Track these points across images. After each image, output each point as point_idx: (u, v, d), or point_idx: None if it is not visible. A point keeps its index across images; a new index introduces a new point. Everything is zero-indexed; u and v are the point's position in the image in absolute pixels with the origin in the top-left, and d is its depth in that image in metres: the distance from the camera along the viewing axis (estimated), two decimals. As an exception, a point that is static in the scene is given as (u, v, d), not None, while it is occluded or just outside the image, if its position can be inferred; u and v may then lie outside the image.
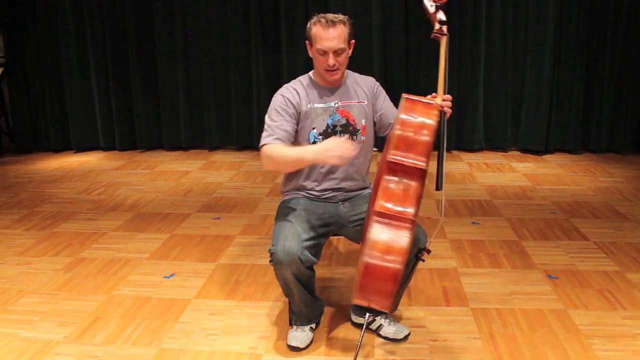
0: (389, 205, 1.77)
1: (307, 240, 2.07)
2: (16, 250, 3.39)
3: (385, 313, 2.35)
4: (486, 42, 5.55)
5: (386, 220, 1.76)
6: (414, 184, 1.80)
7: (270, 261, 2.08)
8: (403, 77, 5.70)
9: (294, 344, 2.24)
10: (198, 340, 2.35)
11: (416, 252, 1.96)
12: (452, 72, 5.60)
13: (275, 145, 2.17)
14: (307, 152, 2.05)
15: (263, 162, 2.21)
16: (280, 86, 2.38)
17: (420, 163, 1.78)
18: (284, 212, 2.26)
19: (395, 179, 1.81)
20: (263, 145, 2.19)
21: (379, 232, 1.75)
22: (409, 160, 1.79)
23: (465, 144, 5.78)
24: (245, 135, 6.03)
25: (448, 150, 5.78)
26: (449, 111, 1.98)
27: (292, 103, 2.25)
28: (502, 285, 2.79)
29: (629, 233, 3.45)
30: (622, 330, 2.35)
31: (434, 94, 1.96)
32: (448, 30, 1.94)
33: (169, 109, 6.05)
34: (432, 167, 1.84)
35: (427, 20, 1.99)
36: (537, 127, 5.59)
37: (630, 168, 5.04)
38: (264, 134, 2.22)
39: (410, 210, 1.77)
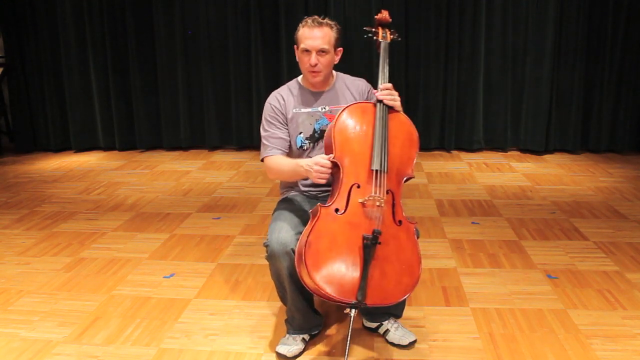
0: None
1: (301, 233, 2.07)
2: (16, 250, 3.39)
3: (392, 316, 2.34)
4: (486, 42, 5.55)
5: None
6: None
7: (266, 256, 2.10)
8: (403, 77, 5.70)
9: (281, 351, 2.20)
10: (198, 340, 2.35)
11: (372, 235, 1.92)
12: (452, 72, 5.62)
13: (274, 157, 2.26)
14: (300, 167, 2.10)
15: (267, 174, 2.32)
16: (280, 86, 2.41)
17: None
18: (280, 208, 2.31)
19: None
20: (264, 157, 2.28)
21: None
22: None
23: (465, 144, 5.78)
24: (245, 135, 6.03)
25: (448, 150, 5.79)
26: (390, 102, 2.07)
27: (279, 109, 2.30)
28: (501, 285, 2.79)
29: (629, 233, 3.45)
30: (622, 330, 2.35)
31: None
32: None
33: (169, 109, 6.05)
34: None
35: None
36: (537, 127, 5.59)
37: (630, 168, 5.04)
38: (262, 147, 2.31)
39: None
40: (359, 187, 1.98)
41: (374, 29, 2.30)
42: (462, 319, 2.47)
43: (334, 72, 2.36)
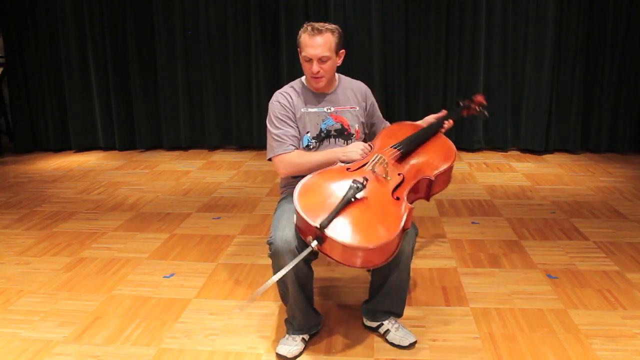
0: None
1: None
2: (16, 250, 3.39)
3: (393, 316, 2.34)
4: (486, 42, 5.55)
5: None
6: None
7: (269, 254, 2.10)
8: (403, 77, 5.70)
9: (281, 352, 2.21)
10: (198, 340, 2.36)
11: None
12: (452, 72, 5.62)
13: (295, 152, 2.30)
14: (334, 154, 2.24)
15: (281, 170, 2.33)
16: (280, 86, 2.45)
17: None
18: (282, 206, 2.31)
19: None
20: (280, 154, 2.29)
21: None
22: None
23: (465, 144, 5.78)
24: (245, 135, 6.02)
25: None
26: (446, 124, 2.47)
27: (289, 107, 2.34)
28: (502, 285, 2.79)
29: (629, 233, 3.45)
30: (622, 330, 2.36)
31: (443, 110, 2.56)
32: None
33: (169, 109, 6.05)
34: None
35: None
36: (537, 127, 5.59)
37: (630, 168, 5.04)
38: (275, 144, 2.31)
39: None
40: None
41: (467, 102, 2.71)
42: (462, 319, 2.47)
43: (336, 74, 2.43)
